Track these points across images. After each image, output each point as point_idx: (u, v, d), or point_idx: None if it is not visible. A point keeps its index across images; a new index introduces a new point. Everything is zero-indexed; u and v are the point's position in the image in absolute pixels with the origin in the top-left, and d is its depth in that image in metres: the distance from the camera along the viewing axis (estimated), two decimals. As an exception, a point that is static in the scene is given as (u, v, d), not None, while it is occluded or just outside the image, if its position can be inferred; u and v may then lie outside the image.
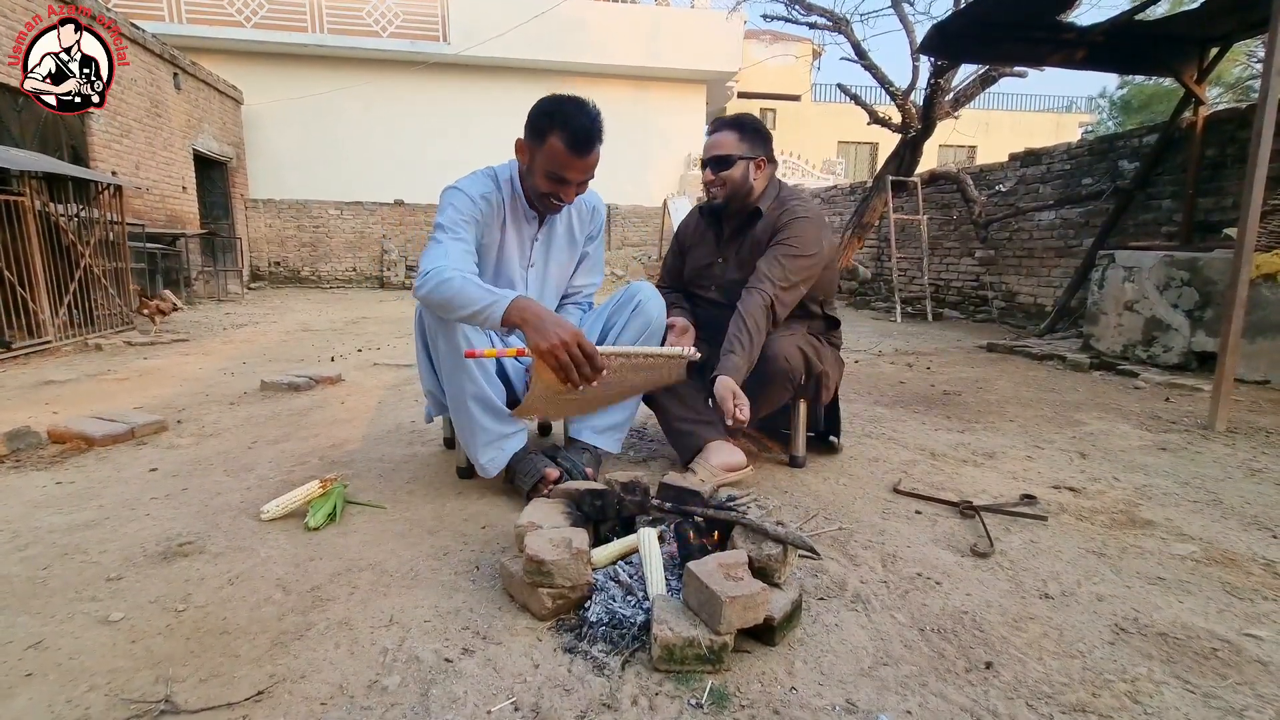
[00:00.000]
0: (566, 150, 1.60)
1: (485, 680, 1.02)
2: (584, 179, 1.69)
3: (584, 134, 1.59)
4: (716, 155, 1.96)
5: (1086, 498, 1.87)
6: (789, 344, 1.87)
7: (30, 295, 4.52)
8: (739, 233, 2.05)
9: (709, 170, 1.98)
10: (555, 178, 1.65)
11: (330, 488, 1.70)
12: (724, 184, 1.97)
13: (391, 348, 4.82)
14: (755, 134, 1.97)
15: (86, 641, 1.12)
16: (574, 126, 1.58)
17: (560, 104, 1.61)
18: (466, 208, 1.68)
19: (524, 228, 1.85)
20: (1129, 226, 5.24)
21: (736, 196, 1.99)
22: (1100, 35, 4.49)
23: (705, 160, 1.99)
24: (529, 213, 1.83)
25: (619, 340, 1.85)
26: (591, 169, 1.67)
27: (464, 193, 1.70)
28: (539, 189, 1.69)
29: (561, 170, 1.63)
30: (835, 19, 7.94)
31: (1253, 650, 1.13)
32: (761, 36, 18.71)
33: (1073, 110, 22.27)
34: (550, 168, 1.63)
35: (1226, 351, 2.56)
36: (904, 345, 5.08)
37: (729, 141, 1.96)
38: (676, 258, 2.26)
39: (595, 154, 1.65)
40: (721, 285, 2.07)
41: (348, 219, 12.48)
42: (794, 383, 1.90)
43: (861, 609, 1.25)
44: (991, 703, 0.99)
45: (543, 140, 1.62)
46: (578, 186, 1.70)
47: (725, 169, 1.96)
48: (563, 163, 1.62)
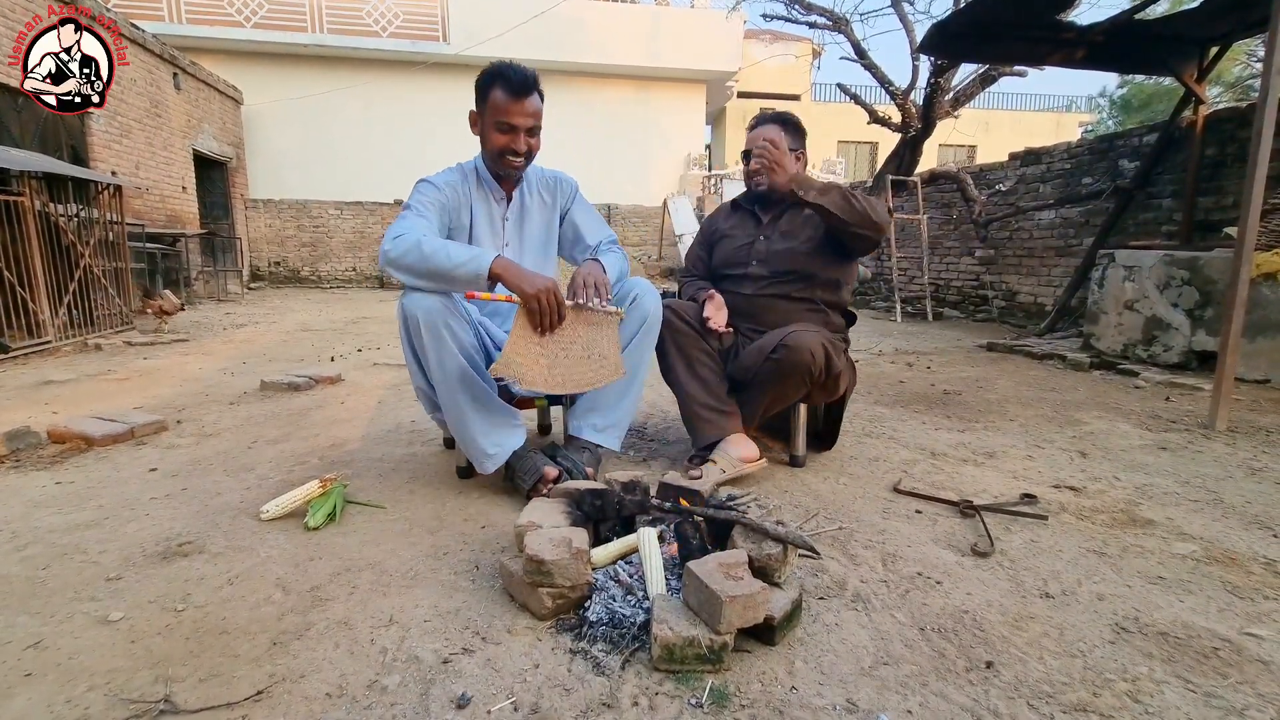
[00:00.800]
0: (506, 97, 1.73)
1: (485, 680, 1.02)
2: (531, 125, 1.79)
3: (519, 79, 1.73)
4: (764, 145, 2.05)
5: (1087, 497, 1.87)
6: (814, 339, 1.84)
7: (30, 295, 4.52)
8: (780, 214, 2.16)
9: (755, 160, 2.06)
10: (503, 126, 1.76)
11: (330, 487, 1.69)
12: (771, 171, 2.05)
13: (391, 347, 4.82)
14: (797, 130, 2.13)
15: (86, 641, 1.12)
16: (509, 75, 1.73)
17: (496, 65, 1.77)
18: (431, 193, 1.81)
19: (493, 208, 1.94)
20: (1129, 226, 5.24)
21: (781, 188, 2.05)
22: (1100, 35, 4.49)
23: (751, 151, 2.07)
24: (497, 191, 1.93)
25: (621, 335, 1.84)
26: (533, 114, 1.78)
27: (429, 182, 1.85)
28: (494, 148, 1.80)
29: (506, 117, 1.75)
30: (835, 18, 7.94)
31: (1253, 649, 1.13)
32: (761, 36, 18.71)
33: (1073, 109, 22.27)
34: (497, 117, 1.76)
35: (1227, 351, 2.56)
36: (904, 345, 5.08)
37: (775, 133, 2.07)
38: (704, 249, 2.32)
39: (534, 100, 1.77)
40: (765, 257, 2.13)
41: (348, 219, 12.48)
42: (812, 378, 1.87)
43: (862, 608, 1.25)
44: (992, 702, 0.99)
45: (486, 98, 1.76)
46: (526, 134, 1.79)
47: None
48: (505, 109, 1.75)
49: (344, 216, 12.47)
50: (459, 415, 1.72)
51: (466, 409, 1.71)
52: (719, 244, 2.26)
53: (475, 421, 1.73)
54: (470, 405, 1.71)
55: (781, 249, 2.10)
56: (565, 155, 8.04)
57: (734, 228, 2.24)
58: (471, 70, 9.69)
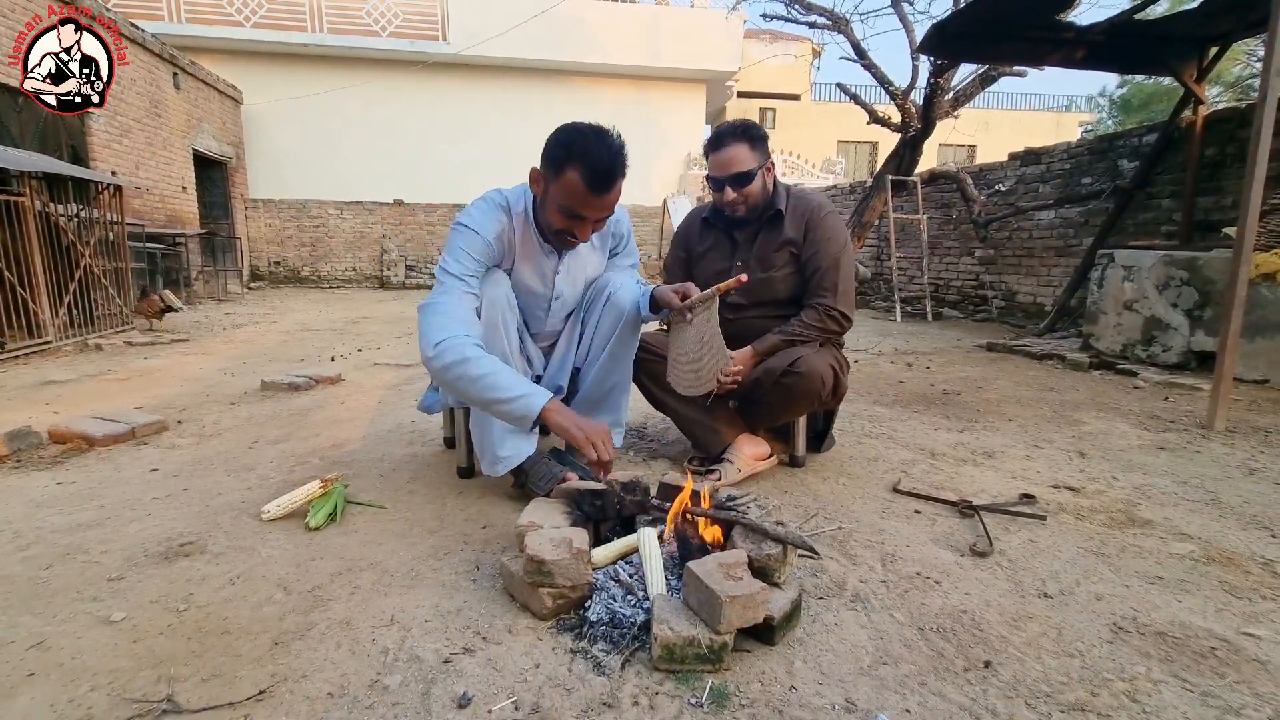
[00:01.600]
0: (585, 187, 1.44)
1: (486, 679, 1.03)
2: (602, 217, 1.55)
3: (605, 170, 1.43)
4: (737, 173, 1.90)
5: (1085, 497, 1.87)
6: (823, 363, 1.87)
7: (30, 295, 4.52)
8: (756, 234, 2.03)
9: (729, 189, 1.92)
10: (570, 214, 1.51)
11: (331, 488, 1.70)
12: (746, 199, 1.94)
13: (391, 348, 4.82)
14: (762, 140, 1.95)
15: (88, 641, 1.12)
16: (594, 161, 1.42)
17: (580, 135, 1.45)
18: (480, 252, 1.57)
19: (541, 261, 1.72)
20: (1128, 226, 5.25)
21: (758, 207, 1.98)
22: (1100, 35, 4.50)
23: (723, 179, 1.92)
24: (544, 246, 1.69)
25: (596, 332, 1.85)
26: (611, 207, 1.54)
27: (479, 235, 1.58)
28: (553, 225, 1.57)
29: (578, 208, 1.49)
30: (835, 18, 7.93)
31: (1251, 649, 1.13)
32: (761, 36, 18.70)
33: (1072, 109, 22.27)
34: (566, 203, 1.49)
35: (1225, 351, 2.56)
36: (903, 345, 5.09)
37: (744, 155, 1.91)
38: (682, 266, 2.19)
39: (617, 191, 1.50)
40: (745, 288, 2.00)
41: (347, 219, 12.48)
42: (822, 399, 1.92)
43: (861, 608, 1.25)
44: (990, 702, 0.99)
45: (559, 173, 1.47)
46: (595, 224, 1.56)
47: (747, 184, 1.92)
48: (580, 200, 1.47)
49: (344, 216, 12.47)
50: (479, 414, 1.69)
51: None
52: (698, 262, 2.14)
53: (492, 423, 1.68)
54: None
55: (760, 279, 1.99)
56: (565, 155, 8.02)
57: (709, 249, 2.11)
58: (471, 70, 9.67)
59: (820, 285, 1.96)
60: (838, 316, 1.95)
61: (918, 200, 7.46)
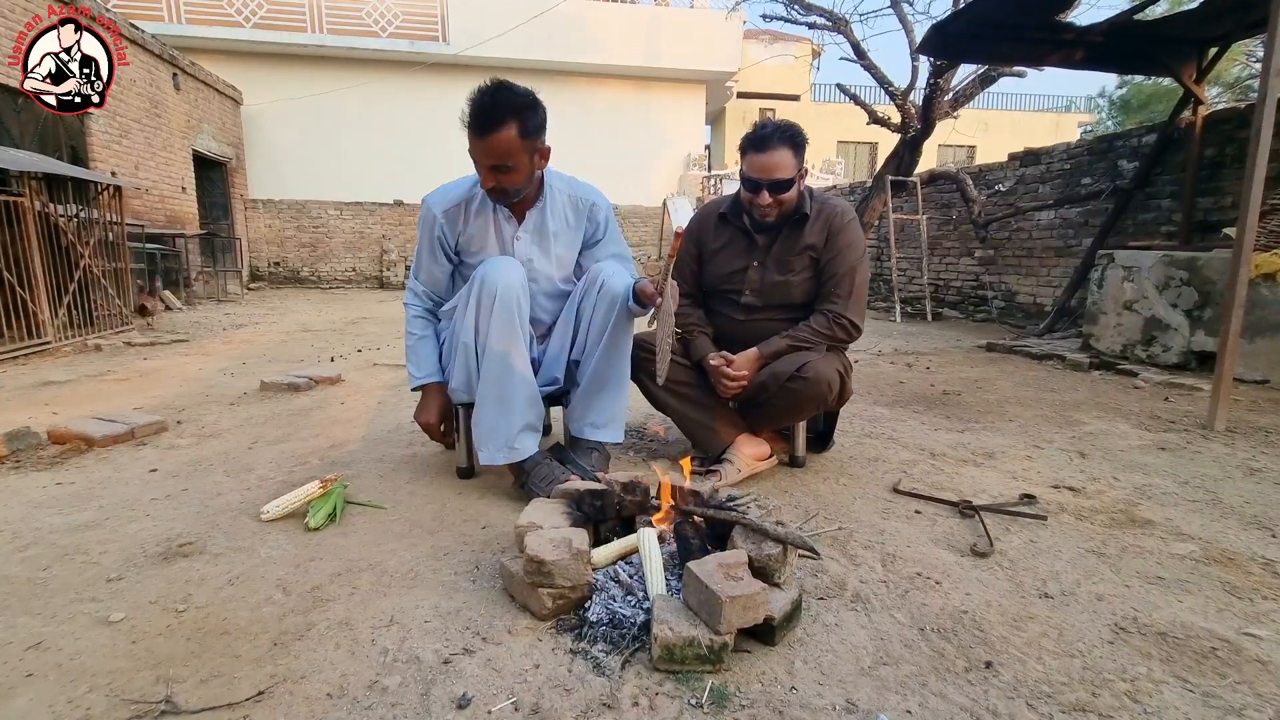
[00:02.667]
0: (471, 134, 1.57)
1: (486, 680, 1.03)
2: (494, 163, 1.60)
3: (478, 112, 1.54)
4: (778, 179, 1.83)
5: (1086, 497, 1.87)
6: (830, 369, 1.86)
7: (30, 296, 4.52)
8: (776, 237, 1.98)
9: (766, 193, 1.85)
10: (477, 164, 1.63)
11: (330, 488, 1.70)
12: (781, 205, 1.89)
13: (391, 348, 4.82)
14: (804, 146, 1.88)
15: (87, 642, 1.12)
16: (473, 108, 1.55)
17: (475, 91, 1.57)
18: (425, 232, 1.81)
19: (503, 227, 1.83)
20: (1128, 226, 5.25)
21: (790, 214, 1.94)
22: (1099, 35, 4.50)
23: (763, 182, 1.83)
24: (505, 211, 1.82)
25: (592, 322, 1.84)
26: (498, 153, 1.58)
27: (427, 215, 1.80)
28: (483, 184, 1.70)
29: (473, 154, 1.60)
30: (834, 19, 7.94)
31: (1252, 649, 1.13)
32: (761, 36, 18.71)
33: (1072, 110, 22.28)
34: (471, 155, 1.61)
35: (1225, 351, 2.56)
36: (903, 345, 5.09)
37: (787, 161, 1.83)
38: (694, 261, 2.12)
39: (501, 136, 1.55)
40: (759, 289, 2.00)
41: (347, 219, 12.48)
42: (827, 403, 1.91)
43: (861, 609, 1.25)
44: (991, 702, 0.99)
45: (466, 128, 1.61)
46: (494, 172, 1.62)
47: (785, 191, 1.86)
48: (471, 146, 1.59)
49: (344, 217, 12.47)
50: (496, 398, 1.70)
51: (508, 395, 1.69)
52: (709, 261, 2.08)
53: (509, 412, 1.70)
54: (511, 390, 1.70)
55: (777, 281, 1.97)
56: (565, 156, 8.03)
57: (725, 246, 2.03)
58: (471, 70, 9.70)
59: (833, 291, 1.94)
60: (847, 325, 1.93)
61: (917, 201, 7.46)
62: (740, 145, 1.92)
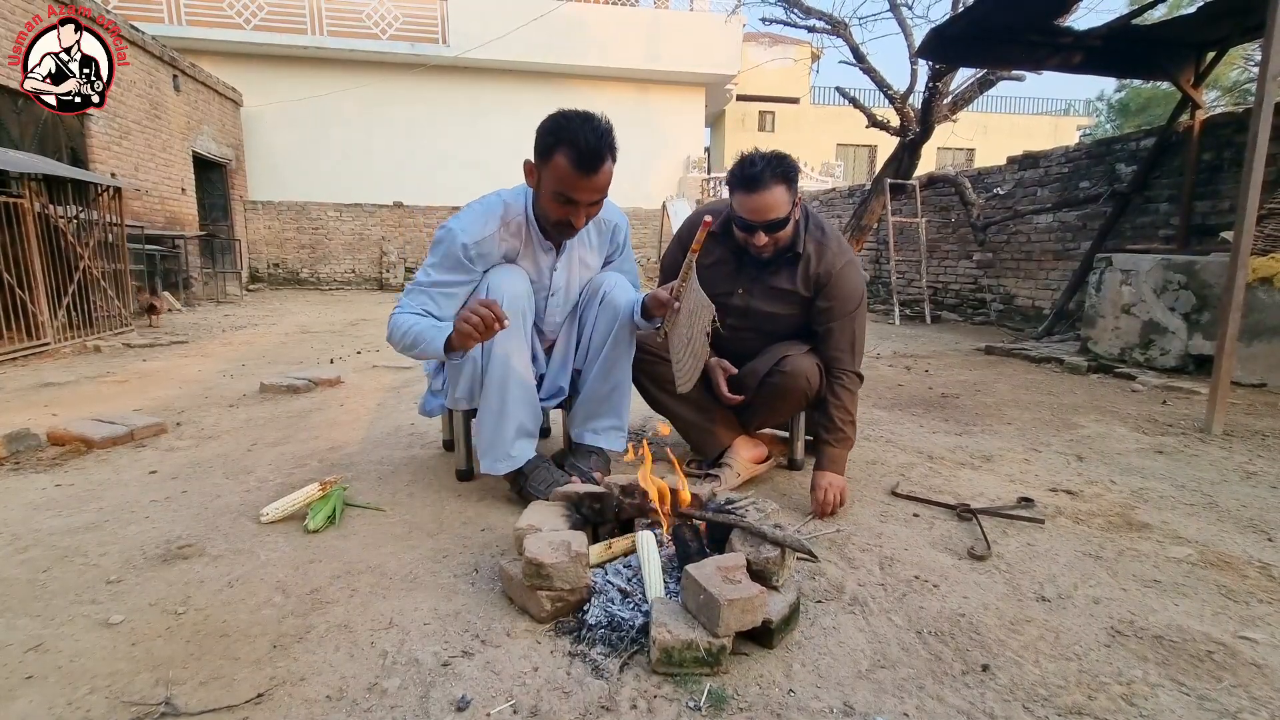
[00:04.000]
0: (573, 169, 1.49)
1: (485, 683, 1.03)
2: (594, 200, 1.57)
3: (591, 150, 1.47)
4: (774, 219, 1.72)
5: (1083, 500, 1.87)
6: (810, 364, 1.85)
7: (29, 297, 4.52)
8: (768, 265, 1.89)
9: (761, 234, 1.75)
10: (563, 198, 1.54)
11: (330, 490, 1.70)
12: (777, 243, 1.80)
13: (391, 350, 4.81)
14: (796, 179, 1.76)
15: (86, 644, 1.12)
16: (580, 143, 1.47)
17: (566, 120, 1.50)
18: (450, 259, 1.64)
19: (540, 258, 1.75)
20: (1126, 230, 5.26)
21: (786, 250, 1.85)
22: (1097, 39, 4.52)
23: (756, 225, 1.74)
24: (544, 243, 1.72)
25: (594, 334, 1.85)
26: (602, 189, 1.56)
27: (452, 242, 1.63)
28: (549, 214, 1.60)
29: (569, 190, 1.52)
30: (834, 22, 7.94)
31: (1247, 653, 1.14)
32: (760, 39, 18.75)
33: (1070, 113, 22.33)
34: (558, 188, 1.53)
35: (1223, 354, 2.57)
36: (902, 347, 5.09)
37: (782, 199, 1.71)
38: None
39: (605, 172, 1.53)
40: (745, 312, 1.94)
41: (347, 221, 12.48)
42: (809, 398, 1.89)
43: (859, 611, 1.26)
44: (988, 705, 1.00)
45: (548, 159, 1.52)
46: (588, 208, 1.58)
47: (781, 229, 1.76)
48: (570, 183, 1.51)
49: (343, 218, 12.47)
50: (496, 408, 1.69)
51: (508, 404, 1.69)
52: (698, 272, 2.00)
53: (506, 422, 1.69)
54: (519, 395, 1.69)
55: (764, 312, 1.92)
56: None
57: (714, 265, 1.93)
58: (471, 72, 9.65)
59: (834, 347, 1.86)
60: (856, 379, 1.89)
61: (916, 203, 7.48)
62: (728, 181, 1.80)
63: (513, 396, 1.69)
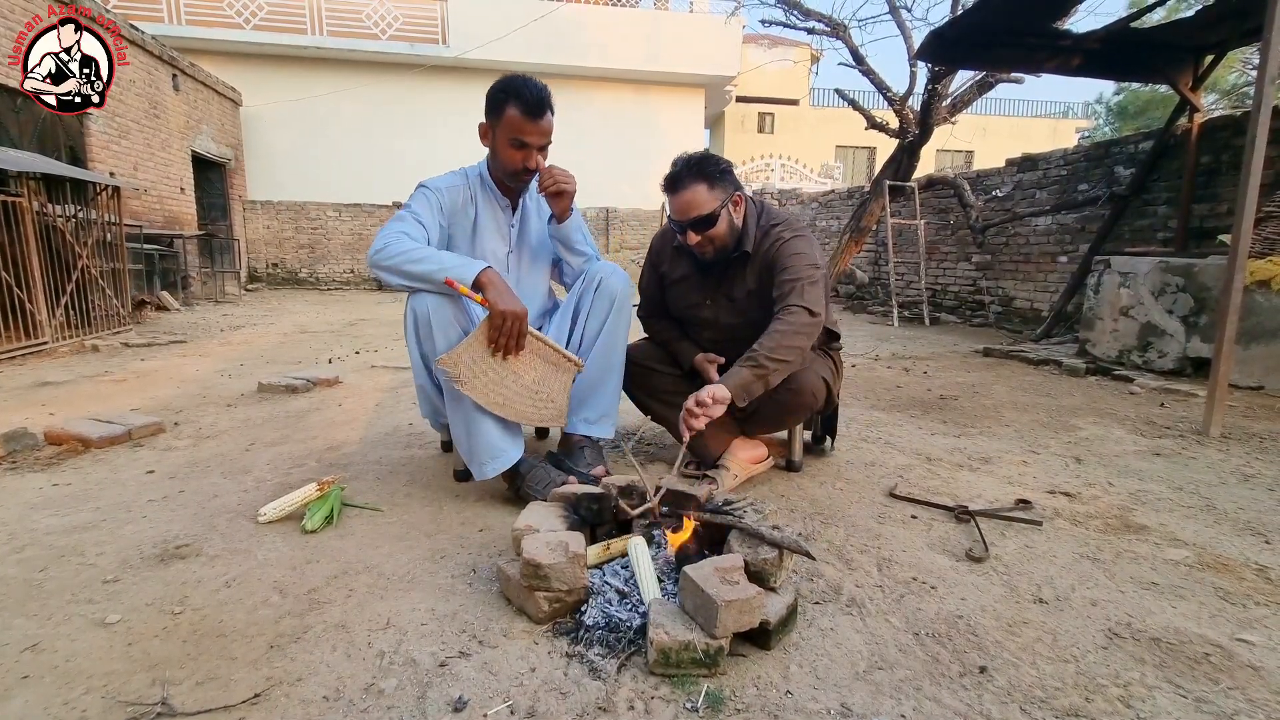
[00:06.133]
0: (522, 116, 1.74)
1: (482, 683, 1.03)
2: (543, 143, 1.81)
3: (535, 99, 1.74)
4: (696, 217, 1.76)
5: (1081, 502, 1.88)
6: (815, 378, 1.88)
7: (27, 296, 4.52)
8: (726, 271, 1.92)
9: (691, 233, 1.79)
10: (517, 143, 1.78)
11: (327, 490, 1.70)
12: (712, 241, 1.81)
13: (389, 350, 4.82)
14: (720, 174, 1.78)
15: (83, 644, 1.12)
16: (526, 94, 1.74)
17: (511, 79, 1.77)
18: (429, 197, 1.83)
19: (498, 214, 1.94)
20: (1125, 232, 5.27)
21: (726, 248, 1.85)
22: (1096, 42, 4.52)
23: (684, 223, 1.78)
24: (501, 200, 1.93)
25: (589, 321, 1.92)
26: (547, 133, 1.80)
27: (428, 186, 1.86)
28: (505, 164, 1.81)
29: (522, 134, 1.76)
30: (833, 24, 7.95)
31: (1245, 655, 1.14)
32: (760, 41, 18.78)
33: (1069, 115, 22.38)
34: (511, 134, 1.77)
35: (1221, 357, 2.58)
36: (901, 349, 5.10)
37: (702, 196, 1.75)
38: (655, 288, 2.11)
39: (549, 119, 1.79)
40: (715, 327, 1.98)
41: (346, 221, 12.47)
42: (814, 411, 1.93)
43: (857, 613, 1.26)
44: (985, 707, 1.00)
45: (500, 113, 1.76)
46: (540, 151, 1.81)
47: (709, 227, 1.78)
48: (521, 127, 1.76)
49: (342, 219, 12.46)
50: (462, 418, 1.70)
51: (471, 411, 1.68)
52: (670, 288, 2.06)
53: (477, 426, 1.69)
54: (474, 408, 1.68)
55: (732, 323, 1.94)
56: (564, 158, 8.04)
57: (681, 279, 2.00)
58: (470, 73, 9.66)
59: (785, 294, 1.77)
60: (802, 312, 1.72)
61: (915, 205, 7.48)
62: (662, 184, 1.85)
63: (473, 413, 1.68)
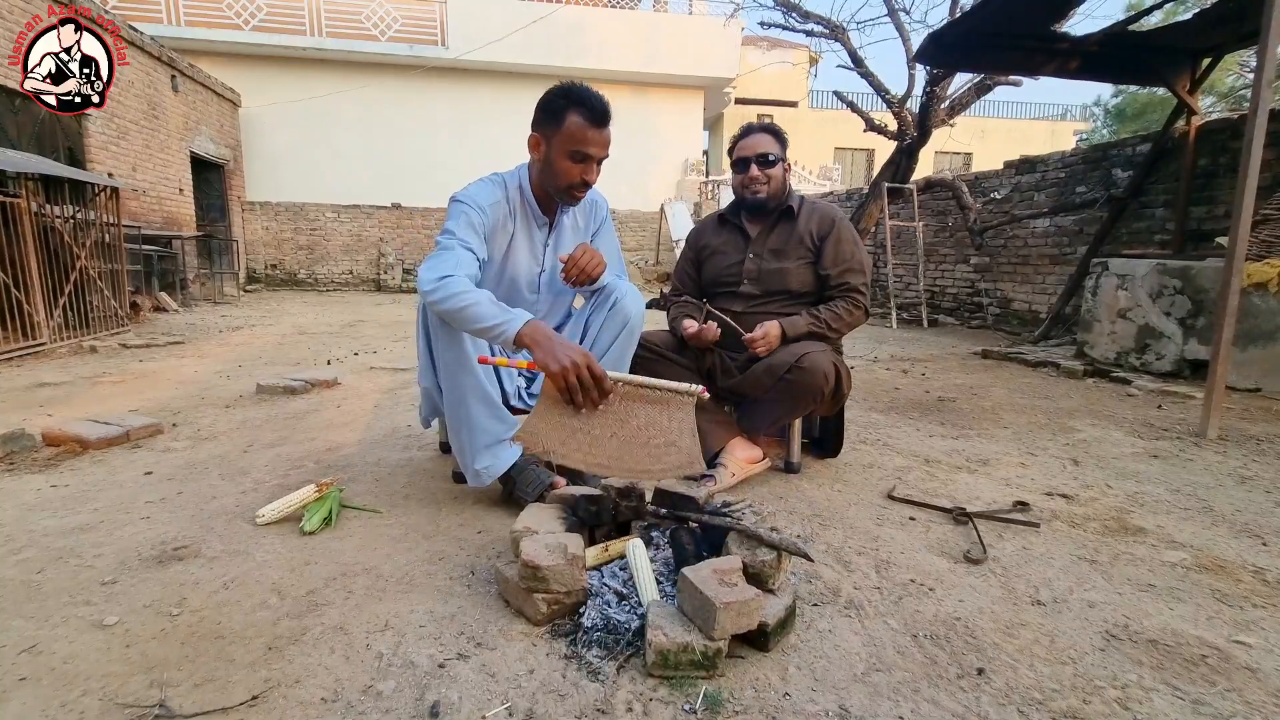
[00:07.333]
0: (586, 124, 1.63)
1: (480, 685, 1.03)
2: (604, 155, 1.71)
3: (601, 107, 1.65)
4: (761, 153, 2.05)
5: (1079, 504, 1.88)
6: (827, 361, 1.89)
7: (25, 297, 4.51)
8: (770, 230, 2.13)
9: (755, 167, 2.05)
10: (579, 155, 1.66)
11: (326, 492, 1.70)
12: (769, 181, 2.07)
13: (388, 351, 4.81)
14: (783, 140, 2.11)
15: (81, 646, 1.12)
16: (590, 101, 1.64)
17: (569, 86, 1.67)
18: (475, 219, 1.68)
19: (534, 233, 1.86)
20: (1122, 234, 5.28)
21: (777, 194, 2.09)
22: (1094, 45, 4.54)
23: (749, 158, 2.05)
24: (539, 218, 1.84)
25: (598, 338, 1.86)
26: (608, 144, 1.71)
27: (472, 204, 1.70)
28: (560, 177, 1.70)
29: (584, 145, 1.65)
30: (832, 26, 7.97)
31: (1241, 657, 1.14)
32: (759, 43, 18.79)
33: (1067, 118, 22.41)
34: (572, 145, 1.65)
35: (1218, 359, 2.58)
36: (899, 351, 5.10)
37: (770, 142, 2.07)
38: (692, 265, 2.27)
39: (609, 130, 1.69)
40: (756, 277, 2.11)
41: (345, 222, 12.47)
42: (823, 397, 1.92)
43: (855, 615, 1.26)
44: (983, 709, 1.00)
45: (560, 122, 1.64)
46: (598, 165, 1.72)
47: (771, 166, 2.06)
48: (584, 137, 1.64)
49: (341, 220, 12.46)
50: (464, 416, 1.68)
51: (474, 410, 1.66)
52: (708, 260, 2.21)
53: (480, 426, 1.68)
54: (480, 407, 1.67)
55: (773, 269, 2.08)
56: (563, 160, 8.04)
57: (723, 244, 2.19)
58: (470, 74, 9.66)
59: (848, 271, 2.05)
60: (864, 306, 2.07)
61: (914, 207, 7.50)
62: (728, 146, 2.15)
63: (473, 412, 1.67)
